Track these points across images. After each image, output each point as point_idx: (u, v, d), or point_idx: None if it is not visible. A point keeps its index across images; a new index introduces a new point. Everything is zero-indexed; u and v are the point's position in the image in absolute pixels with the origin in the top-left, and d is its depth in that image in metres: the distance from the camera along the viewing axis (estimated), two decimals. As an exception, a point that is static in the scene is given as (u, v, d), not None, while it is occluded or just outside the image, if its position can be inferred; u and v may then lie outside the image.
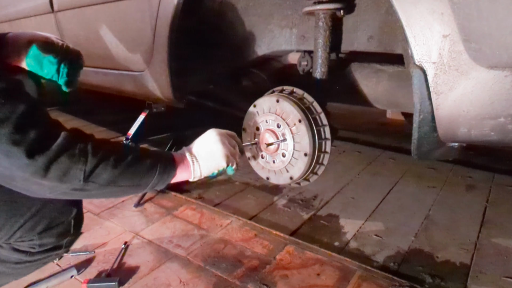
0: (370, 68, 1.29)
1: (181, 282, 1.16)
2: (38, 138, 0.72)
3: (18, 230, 0.92)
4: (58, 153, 0.72)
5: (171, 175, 0.92)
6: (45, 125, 0.77)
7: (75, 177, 0.75)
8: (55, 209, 0.97)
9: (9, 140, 0.68)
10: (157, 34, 1.37)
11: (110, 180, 0.79)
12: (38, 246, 0.98)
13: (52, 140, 0.73)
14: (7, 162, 0.69)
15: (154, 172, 0.87)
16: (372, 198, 1.74)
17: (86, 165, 0.75)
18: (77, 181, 0.75)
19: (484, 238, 1.41)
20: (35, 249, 0.98)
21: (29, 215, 0.92)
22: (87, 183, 0.76)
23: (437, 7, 0.73)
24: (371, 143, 2.51)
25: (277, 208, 1.68)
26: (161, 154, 0.93)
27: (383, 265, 1.28)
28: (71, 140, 0.75)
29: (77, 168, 0.74)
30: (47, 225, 0.96)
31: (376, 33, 1.17)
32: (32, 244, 0.97)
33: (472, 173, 1.99)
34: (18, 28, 2.29)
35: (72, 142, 0.75)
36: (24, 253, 0.97)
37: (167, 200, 1.70)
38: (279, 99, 1.13)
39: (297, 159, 1.13)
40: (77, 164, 0.74)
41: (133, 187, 0.85)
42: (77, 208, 1.03)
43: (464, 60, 0.74)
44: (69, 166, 0.73)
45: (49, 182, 0.73)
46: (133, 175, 0.84)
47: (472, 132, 0.81)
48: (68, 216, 1.00)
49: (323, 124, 1.13)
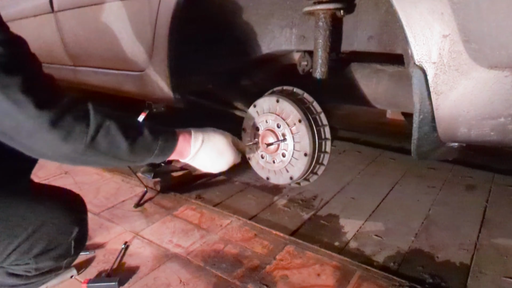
0: (370, 68, 1.29)
1: (181, 282, 1.16)
2: (46, 93, 0.73)
3: (13, 252, 0.85)
4: (64, 111, 0.72)
5: (171, 150, 0.90)
6: (52, 83, 0.78)
7: (78, 139, 0.74)
8: (54, 229, 0.91)
9: (20, 89, 0.68)
10: (157, 34, 1.38)
11: (110, 149, 0.78)
12: (34, 270, 0.92)
13: (59, 98, 0.74)
14: (16, 111, 0.68)
15: (155, 145, 0.86)
16: (372, 198, 1.74)
17: (89, 129, 0.75)
18: (78, 144, 0.74)
19: (484, 238, 1.41)
20: (31, 273, 0.92)
21: (25, 236, 0.86)
22: (88, 149, 0.75)
23: (437, 7, 0.73)
24: (371, 143, 2.51)
25: (277, 208, 1.68)
26: (164, 129, 0.91)
27: (383, 265, 1.28)
28: (76, 102, 0.76)
29: (81, 131, 0.74)
30: (45, 247, 0.90)
31: (376, 33, 1.17)
32: (28, 268, 0.91)
33: (472, 173, 1.99)
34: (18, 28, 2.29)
35: (77, 104, 0.76)
36: (19, 277, 0.92)
37: (167, 200, 1.70)
38: (279, 99, 1.13)
39: (297, 159, 1.13)
40: (80, 126, 0.74)
41: (131, 156, 0.83)
42: (79, 227, 0.97)
43: (464, 60, 0.74)
44: (73, 125, 0.73)
45: (53, 138, 0.72)
46: (132, 146, 0.81)
47: (472, 132, 0.81)
48: (68, 237, 0.94)
49: (323, 124, 1.13)
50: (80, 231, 0.98)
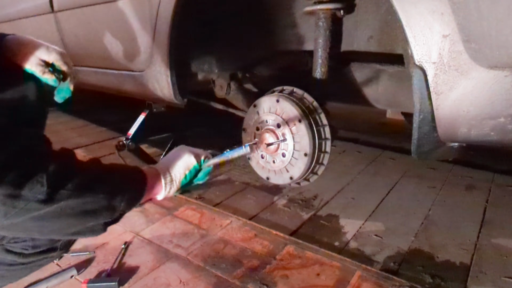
0: (370, 68, 1.29)
1: (181, 282, 1.16)
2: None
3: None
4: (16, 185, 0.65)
5: (136, 205, 0.89)
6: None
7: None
8: None
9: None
10: (157, 34, 1.38)
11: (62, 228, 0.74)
12: (31, 248, 0.95)
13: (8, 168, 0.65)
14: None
15: (116, 212, 0.84)
16: (372, 198, 1.74)
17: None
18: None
19: (484, 238, 1.41)
20: (28, 250, 0.95)
21: None
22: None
23: (437, 7, 0.73)
24: (371, 143, 2.51)
25: (277, 208, 1.68)
26: (132, 181, 0.88)
27: (383, 265, 1.28)
28: (31, 177, 0.67)
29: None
30: None
31: (376, 33, 1.17)
32: (25, 245, 0.94)
33: (472, 173, 1.99)
34: (18, 28, 2.29)
35: (32, 179, 0.67)
36: (17, 254, 0.95)
37: (167, 200, 1.70)
38: (279, 99, 1.13)
39: (297, 159, 1.13)
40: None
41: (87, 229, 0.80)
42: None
43: (464, 60, 0.74)
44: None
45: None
46: (85, 226, 0.78)
47: (472, 132, 0.81)
48: None
49: (323, 124, 1.13)
50: None
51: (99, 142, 2.58)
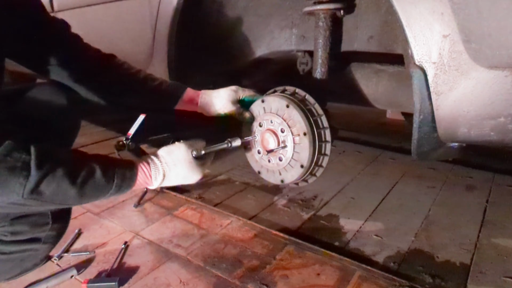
0: (370, 68, 1.29)
1: (181, 282, 1.16)
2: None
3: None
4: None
5: (129, 187, 0.88)
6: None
7: (15, 191, 0.69)
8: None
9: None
10: (157, 34, 1.38)
11: (55, 197, 0.74)
12: (10, 234, 0.94)
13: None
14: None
15: (109, 187, 0.82)
16: (372, 198, 1.74)
17: (28, 180, 0.69)
18: (16, 196, 0.69)
19: (484, 238, 1.41)
20: (7, 237, 0.94)
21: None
22: (28, 199, 0.71)
23: (437, 7, 0.73)
24: (371, 143, 2.51)
25: (277, 208, 1.68)
26: (121, 165, 0.87)
27: (383, 265, 1.28)
28: (14, 150, 0.69)
29: (17, 182, 0.68)
30: (20, 212, 0.92)
31: (376, 33, 1.17)
32: (3, 231, 0.93)
33: (472, 173, 1.99)
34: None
35: (14, 152, 0.69)
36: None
37: (167, 200, 1.70)
38: (289, 104, 1.09)
39: (293, 167, 1.13)
40: (17, 178, 0.68)
41: (82, 200, 0.80)
42: None
43: (464, 60, 0.74)
44: (6, 179, 0.67)
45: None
46: (82, 191, 0.77)
47: (472, 132, 0.81)
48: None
49: (326, 140, 1.11)
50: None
51: (99, 142, 2.59)
